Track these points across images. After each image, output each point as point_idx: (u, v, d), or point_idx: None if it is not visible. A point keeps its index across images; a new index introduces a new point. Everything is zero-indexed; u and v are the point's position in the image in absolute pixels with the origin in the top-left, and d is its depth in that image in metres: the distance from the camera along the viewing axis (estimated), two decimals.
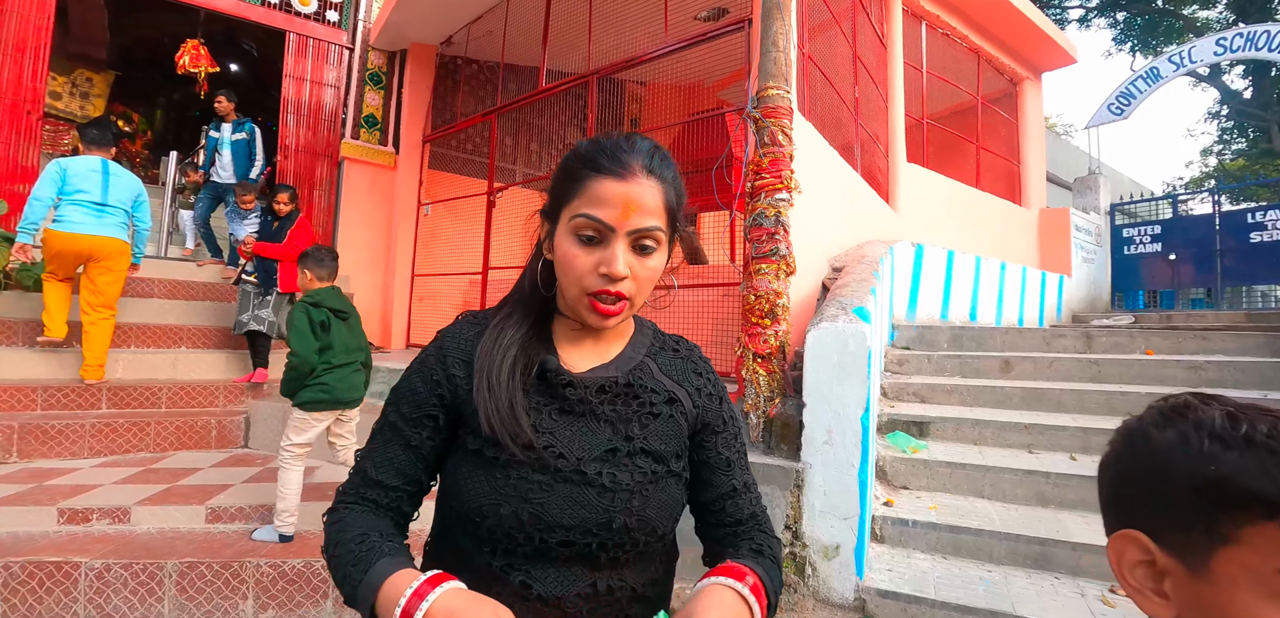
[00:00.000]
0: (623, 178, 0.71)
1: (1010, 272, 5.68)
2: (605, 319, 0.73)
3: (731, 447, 0.84)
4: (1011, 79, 7.34)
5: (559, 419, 0.75)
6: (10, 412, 3.72)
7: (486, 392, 0.73)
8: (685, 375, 0.84)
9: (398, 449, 0.77)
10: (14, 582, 2.47)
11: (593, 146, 0.75)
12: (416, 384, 0.78)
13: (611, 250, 0.71)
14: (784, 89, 2.82)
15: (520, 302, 0.83)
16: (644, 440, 0.76)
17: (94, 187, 3.81)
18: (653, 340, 0.86)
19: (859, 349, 2.67)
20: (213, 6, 6.13)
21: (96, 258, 3.86)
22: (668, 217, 0.75)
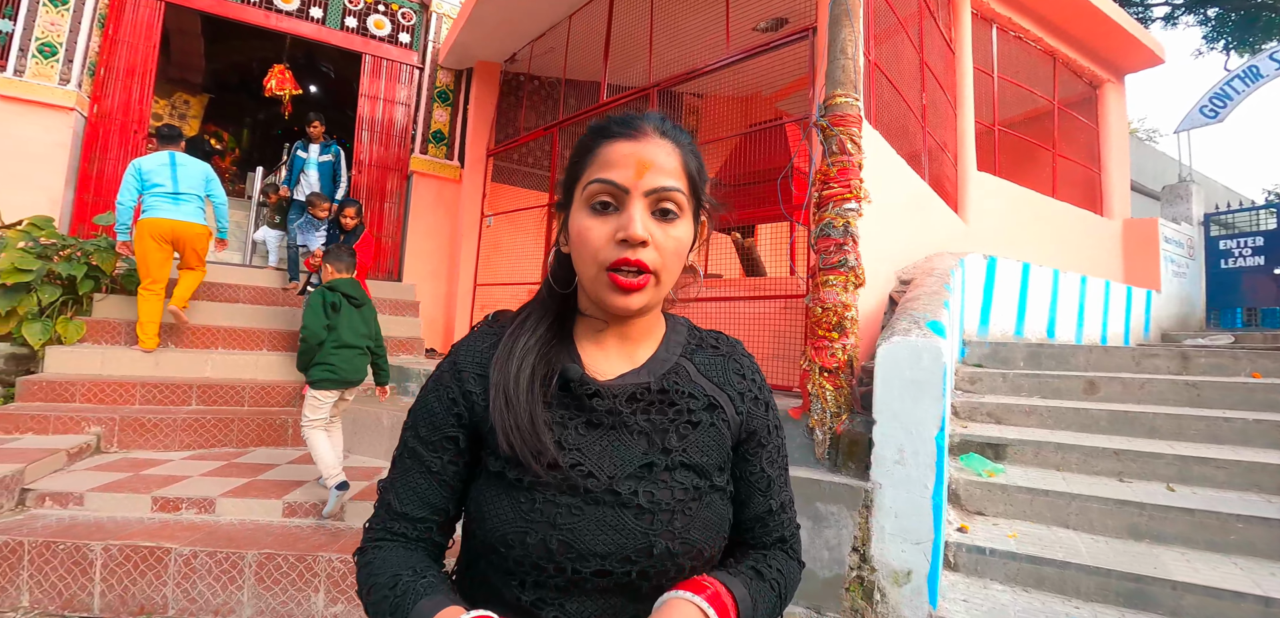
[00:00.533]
0: (635, 137, 0.67)
1: (1092, 286, 5.31)
2: (628, 295, 0.65)
3: (774, 464, 0.76)
4: (1091, 82, 6.91)
5: (587, 433, 0.67)
6: (112, 405, 4.05)
7: (504, 406, 0.66)
8: (727, 378, 0.75)
9: (419, 477, 0.70)
10: (112, 563, 2.67)
11: (603, 118, 0.71)
12: (432, 404, 0.72)
13: (628, 213, 0.64)
14: (853, 97, 2.75)
15: (537, 303, 0.76)
16: (683, 453, 0.68)
17: (165, 178, 4.28)
18: (688, 339, 0.78)
19: (934, 365, 2.55)
20: (297, 33, 6.55)
21: (181, 240, 4.35)
22: (689, 183, 0.69)
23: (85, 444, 3.62)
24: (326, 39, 6.68)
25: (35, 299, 4.26)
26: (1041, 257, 5.40)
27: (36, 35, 5.19)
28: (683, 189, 0.67)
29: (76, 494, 3.04)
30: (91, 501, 3.04)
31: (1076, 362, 4.12)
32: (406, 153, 6.97)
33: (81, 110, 5.38)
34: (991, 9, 5.67)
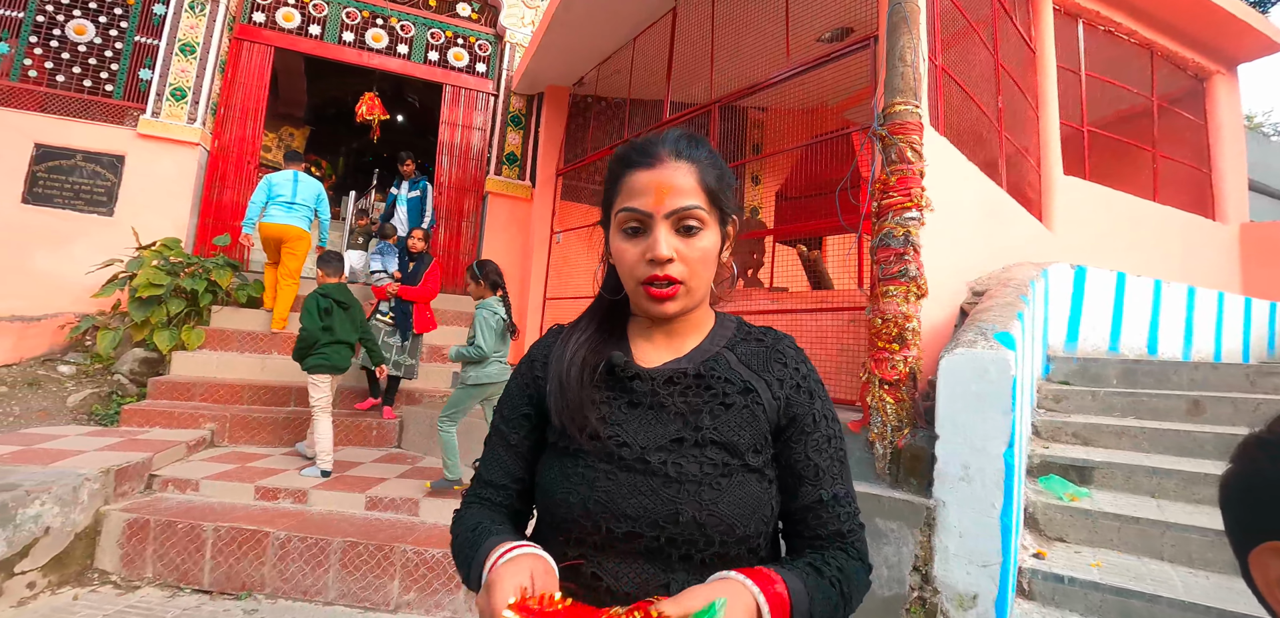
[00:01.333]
0: (651, 166, 0.74)
1: (1201, 298, 4.81)
2: (660, 303, 0.74)
3: (822, 452, 0.76)
4: (1196, 75, 6.28)
5: (628, 412, 0.75)
6: (225, 404, 4.54)
7: (558, 389, 0.77)
8: (765, 365, 0.79)
9: (501, 450, 0.82)
10: (221, 542, 3.00)
11: (625, 147, 0.78)
12: (512, 389, 0.85)
13: (654, 236, 0.72)
14: (913, 104, 2.69)
15: (592, 308, 0.87)
16: (715, 432, 0.72)
17: (287, 191, 5.22)
18: (735, 333, 0.83)
19: (1001, 378, 2.43)
20: (386, 68, 7.13)
21: (286, 240, 5.22)
22: (707, 196, 0.74)
23: (201, 438, 4.09)
24: (412, 72, 7.23)
25: (165, 310, 4.87)
26: (1141, 266, 4.96)
27: (170, 82, 5.95)
28: (702, 204, 0.74)
29: (193, 481, 3.45)
30: (205, 487, 3.44)
31: (1179, 380, 3.77)
32: (482, 174, 7.38)
33: (205, 145, 6.10)
34: (1077, 4, 5.32)
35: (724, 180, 0.78)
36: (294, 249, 5.26)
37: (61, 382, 4.67)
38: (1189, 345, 4.73)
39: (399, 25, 7.11)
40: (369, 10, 7.00)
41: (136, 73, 5.99)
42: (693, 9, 5.07)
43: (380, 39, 7.03)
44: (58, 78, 5.85)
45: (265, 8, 6.66)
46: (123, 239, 5.44)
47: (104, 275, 5.20)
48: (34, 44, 5.81)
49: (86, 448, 3.54)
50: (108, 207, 5.70)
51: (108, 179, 5.73)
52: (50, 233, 5.51)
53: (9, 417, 4.18)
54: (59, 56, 5.88)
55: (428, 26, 7.22)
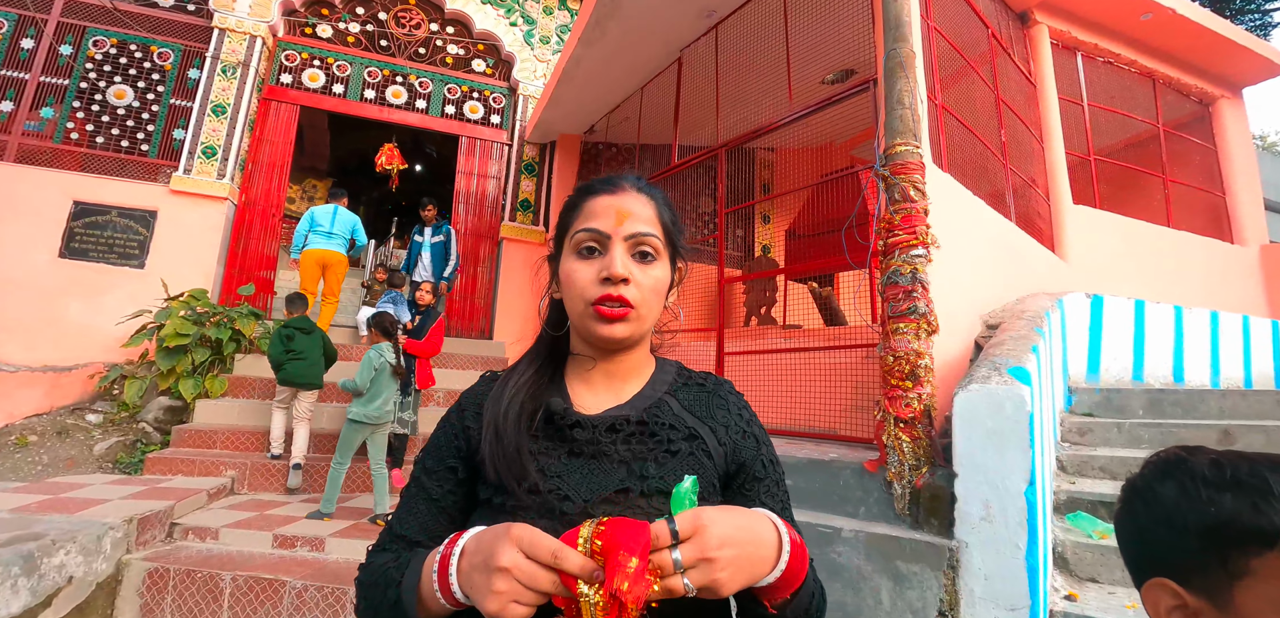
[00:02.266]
0: (614, 192, 0.76)
1: (1226, 323, 4.70)
2: (612, 324, 0.72)
3: (773, 497, 0.77)
4: (1201, 100, 6.27)
5: (568, 462, 0.71)
6: (245, 452, 4.60)
7: (494, 438, 0.72)
8: (709, 411, 0.79)
9: (421, 503, 0.76)
10: (238, 591, 3.01)
11: (588, 181, 0.81)
12: (438, 438, 0.79)
13: (610, 255, 0.73)
14: (913, 144, 2.73)
15: (531, 350, 0.83)
16: (661, 480, 0.69)
17: (326, 221, 6.04)
18: (676, 378, 0.82)
19: (1017, 413, 2.40)
20: (405, 122, 7.40)
21: (327, 264, 6.02)
22: (663, 230, 0.77)
23: (222, 486, 4.14)
24: (430, 125, 7.49)
25: (190, 359, 5.00)
26: (1160, 292, 4.88)
27: (202, 140, 6.24)
28: (658, 235, 0.76)
29: (213, 530, 3.49)
30: (225, 536, 3.47)
31: (1207, 409, 3.66)
32: (497, 221, 7.55)
33: (232, 199, 6.34)
34: (1074, 37, 5.38)
35: (677, 223, 0.81)
36: (334, 271, 6.08)
37: (89, 431, 4.79)
38: (1217, 372, 4.61)
39: (418, 82, 7.40)
40: (389, 69, 7.31)
41: (171, 133, 6.29)
42: (697, 58, 5.22)
43: (400, 95, 7.32)
44: (97, 139, 6.16)
45: (293, 70, 6.99)
46: (153, 290, 5.64)
47: (133, 326, 5.37)
48: (76, 108, 6.15)
49: (111, 497, 3.61)
50: (139, 259, 5.92)
51: (140, 233, 5.96)
52: (84, 285, 5.73)
53: (38, 465, 4.28)
54: (99, 119, 6.21)
55: (445, 82, 7.51)
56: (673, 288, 0.81)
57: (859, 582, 2.72)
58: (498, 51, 7.71)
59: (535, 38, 7.72)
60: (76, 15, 6.32)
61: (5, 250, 5.63)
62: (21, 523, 2.99)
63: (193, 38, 6.54)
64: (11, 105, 6.02)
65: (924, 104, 3.19)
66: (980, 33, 4.49)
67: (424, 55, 7.50)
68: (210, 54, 6.43)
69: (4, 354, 5.33)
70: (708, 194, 7.83)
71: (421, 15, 7.54)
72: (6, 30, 6.14)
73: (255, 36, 6.59)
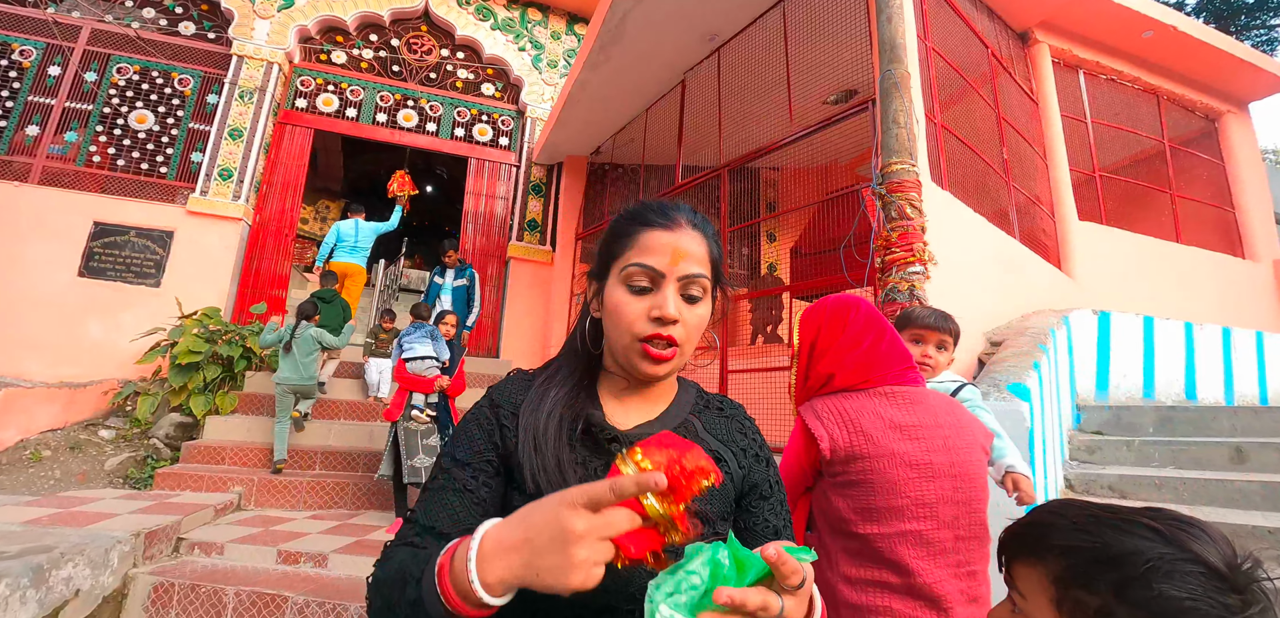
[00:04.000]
0: (670, 229, 0.75)
1: (1238, 339, 4.63)
2: (657, 364, 0.73)
3: (778, 514, 0.80)
4: (1207, 116, 6.25)
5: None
6: (253, 468, 4.65)
7: (533, 449, 0.72)
8: (730, 435, 0.81)
9: (452, 495, 0.72)
10: (241, 606, 3.03)
11: (641, 206, 0.79)
12: (472, 430, 0.77)
13: (663, 295, 0.73)
14: (909, 163, 2.76)
15: (567, 360, 0.83)
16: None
17: (350, 236, 6.50)
18: (696, 400, 0.84)
19: (1015, 430, 2.38)
20: (416, 145, 7.56)
21: (349, 274, 6.45)
22: (712, 268, 0.77)
23: (229, 501, 4.19)
24: (440, 148, 7.64)
25: (201, 377, 5.08)
26: (1170, 309, 4.82)
27: (219, 163, 6.41)
28: (707, 274, 0.76)
29: (218, 545, 3.52)
30: (230, 551, 3.50)
31: (1219, 426, 3.60)
32: (505, 241, 7.65)
33: (247, 219, 6.49)
34: (1075, 55, 5.40)
35: (721, 258, 0.82)
36: (354, 281, 6.54)
37: (101, 446, 4.87)
38: (1230, 389, 4.53)
39: (428, 106, 7.57)
40: (401, 93, 7.48)
41: (189, 156, 6.47)
42: (700, 81, 5.30)
43: (411, 118, 7.48)
44: (118, 162, 6.35)
45: (307, 94, 7.18)
46: (168, 309, 5.76)
47: (148, 343, 5.48)
48: (99, 132, 6.36)
49: (120, 511, 3.66)
50: (156, 278, 6.06)
51: (157, 253, 6.11)
52: (102, 304, 5.87)
53: (50, 480, 4.36)
54: (120, 142, 6.40)
55: (455, 105, 7.67)
56: (713, 320, 0.82)
57: None
58: (506, 76, 7.87)
59: (543, 62, 7.88)
60: (101, 43, 6.56)
61: (28, 269, 5.79)
62: (32, 536, 3.04)
63: (212, 64, 6.76)
64: (38, 130, 6.23)
65: (921, 123, 3.22)
66: (980, 53, 4.52)
67: (435, 80, 7.67)
68: (228, 80, 6.63)
69: (23, 370, 5.46)
70: (712, 214, 7.87)
71: (433, 41, 7.73)
72: (35, 58, 6.38)
73: (272, 63, 6.79)
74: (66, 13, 6.58)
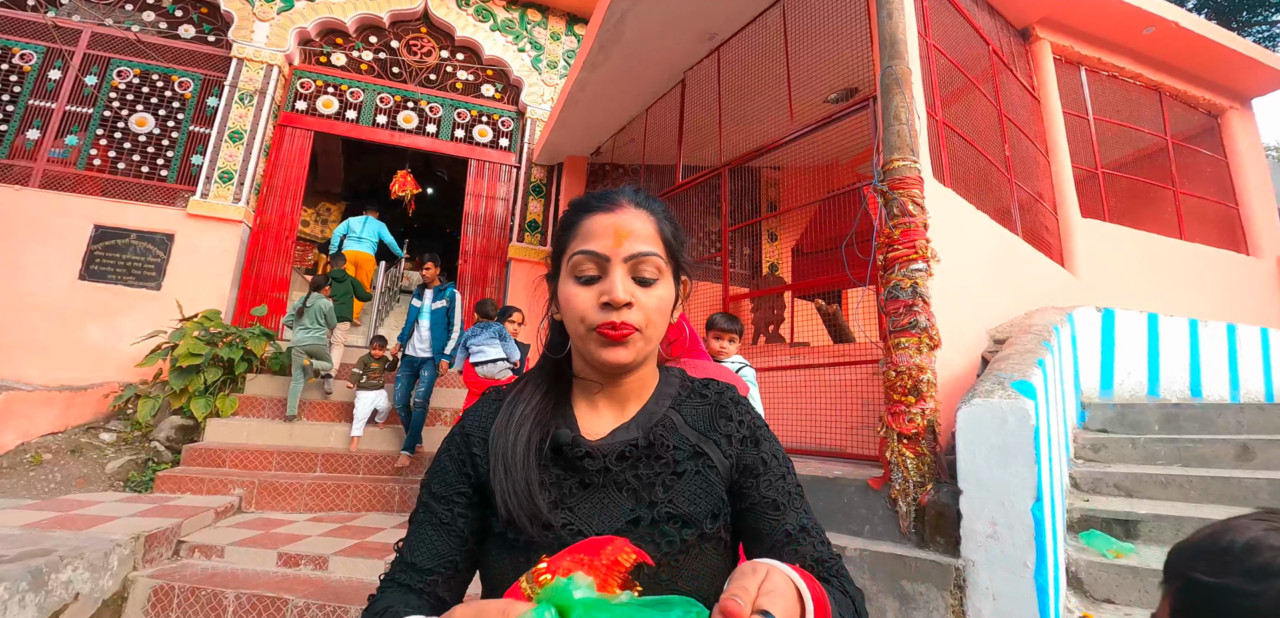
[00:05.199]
0: (611, 210, 0.73)
1: (1243, 336, 4.60)
2: (615, 347, 0.70)
3: (777, 488, 0.74)
4: (1209, 112, 6.21)
5: (579, 493, 0.71)
6: (253, 470, 4.64)
7: (503, 474, 0.71)
8: (712, 424, 0.77)
9: (430, 529, 0.73)
10: (241, 609, 3.02)
11: (583, 196, 0.77)
12: (444, 462, 0.77)
13: (610, 279, 0.70)
14: (910, 160, 2.74)
15: (536, 371, 0.81)
16: (669, 504, 0.69)
17: (359, 228, 7.58)
18: (679, 390, 0.81)
19: (1021, 428, 2.36)
20: (416, 146, 7.54)
21: (358, 262, 7.23)
22: (665, 247, 0.74)
23: (229, 504, 4.17)
24: (440, 149, 7.63)
25: (202, 379, 5.07)
26: (1175, 306, 4.80)
27: (219, 165, 6.40)
28: (659, 253, 0.72)
29: (218, 548, 3.50)
30: (230, 553, 3.49)
31: (1225, 423, 3.57)
32: (505, 242, 7.64)
33: (247, 222, 6.48)
34: (1077, 52, 5.38)
35: (679, 236, 0.78)
36: (363, 268, 7.29)
37: (102, 449, 4.86)
38: (1236, 386, 4.51)
39: (428, 107, 7.55)
40: (401, 95, 7.47)
41: (189, 158, 6.47)
42: (700, 80, 5.29)
43: (411, 120, 7.47)
44: (119, 165, 6.35)
45: (307, 97, 7.17)
46: (168, 312, 5.75)
47: (148, 346, 5.47)
48: (99, 136, 6.35)
49: (120, 514, 3.65)
50: (156, 281, 6.05)
51: (158, 256, 6.10)
52: (102, 307, 5.86)
53: (51, 483, 4.35)
54: (121, 146, 6.40)
55: (454, 107, 7.66)
56: (678, 303, 0.79)
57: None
58: (506, 76, 7.86)
59: (543, 63, 7.87)
60: (101, 47, 6.55)
61: (29, 273, 5.79)
62: (31, 539, 3.03)
63: (212, 67, 6.75)
64: (38, 133, 6.23)
65: (923, 120, 3.20)
66: (981, 50, 4.50)
67: (435, 81, 7.67)
68: (228, 82, 6.62)
69: (24, 373, 5.45)
70: (713, 213, 7.85)
71: (432, 43, 7.72)
72: (36, 62, 6.37)
73: (272, 65, 6.78)
74: (66, 17, 6.58)
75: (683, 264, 0.78)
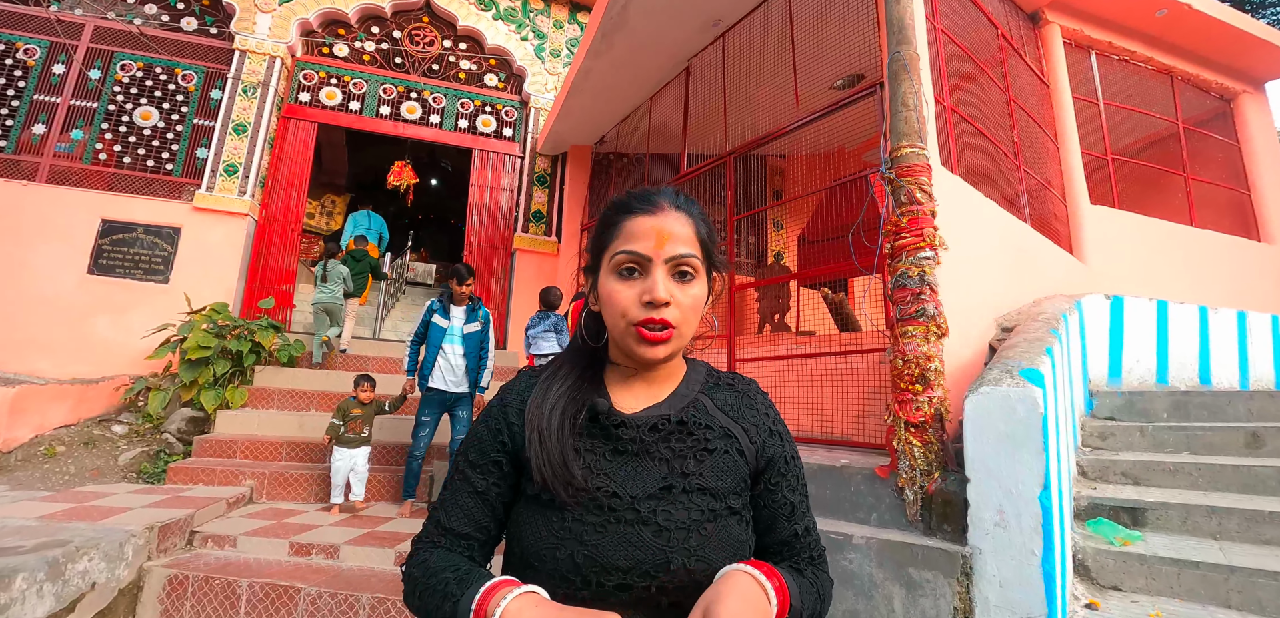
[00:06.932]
0: (653, 213, 0.77)
1: (1254, 324, 4.56)
2: (654, 346, 0.74)
3: (795, 491, 0.82)
4: (1221, 96, 6.12)
5: (613, 460, 0.75)
6: (263, 461, 4.68)
7: (538, 444, 0.75)
8: (741, 411, 0.83)
9: (466, 497, 0.78)
10: (254, 598, 3.06)
11: (626, 195, 0.81)
12: (481, 433, 0.81)
13: (652, 279, 0.74)
14: (918, 147, 2.72)
15: (570, 355, 0.85)
16: (700, 477, 0.74)
17: (364, 223, 8.76)
18: (707, 378, 0.86)
19: (1029, 416, 2.35)
20: (419, 137, 7.53)
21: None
22: (701, 248, 0.78)
23: (241, 495, 4.21)
24: (443, 140, 7.61)
25: (211, 372, 5.11)
26: (1185, 293, 4.76)
27: (224, 158, 6.41)
28: (697, 254, 0.77)
29: (231, 538, 3.54)
30: (242, 543, 3.53)
31: (1235, 411, 3.56)
32: (510, 232, 7.64)
33: (253, 214, 6.49)
34: (1087, 36, 5.30)
35: (713, 237, 0.83)
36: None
37: (114, 441, 4.91)
38: (1245, 374, 4.48)
39: (431, 97, 7.53)
40: (404, 85, 7.45)
41: (194, 152, 6.48)
42: (705, 67, 5.25)
43: (414, 111, 7.45)
44: (124, 159, 6.37)
45: (310, 88, 7.16)
46: (176, 305, 5.78)
47: (158, 339, 5.51)
48: (105, 130, 6.37)
49: (133, 505, 3.69)
50: (164, 275, 6.09)
51: (165, 249, 6.13)
52: (111, 301, 5.90)
53: (65, 475, 4.40)
54: (126, 140, 6.42)
55: (458, 97, 7.63)
56: (709, 299, 0.83)
57: (871, 589, 2.67)
58: (509, 66, 7.82)
59: (546, 52, 7.83)
60: (105, 41, 6.55)
61: (38, 268, 5.83)
62: (47, 530, 3.07)
63: (215, 60, 6.75)
64: (44, 128, 6.25)
65: (931, 106, 3.17)
66: (990, 34, 4.45)
67: (438, 72, 7.64)
68: (232, 75, 6.62)
69: (35, 368, 5.50)
70: (718, 202, 7.82)
71: (435, 33, 7.69)
72: (40, 57, 6.38)
73: (275, 57, 6.77)
74: (69, 11, 6.57)
75: (716, 262, 0.83)
